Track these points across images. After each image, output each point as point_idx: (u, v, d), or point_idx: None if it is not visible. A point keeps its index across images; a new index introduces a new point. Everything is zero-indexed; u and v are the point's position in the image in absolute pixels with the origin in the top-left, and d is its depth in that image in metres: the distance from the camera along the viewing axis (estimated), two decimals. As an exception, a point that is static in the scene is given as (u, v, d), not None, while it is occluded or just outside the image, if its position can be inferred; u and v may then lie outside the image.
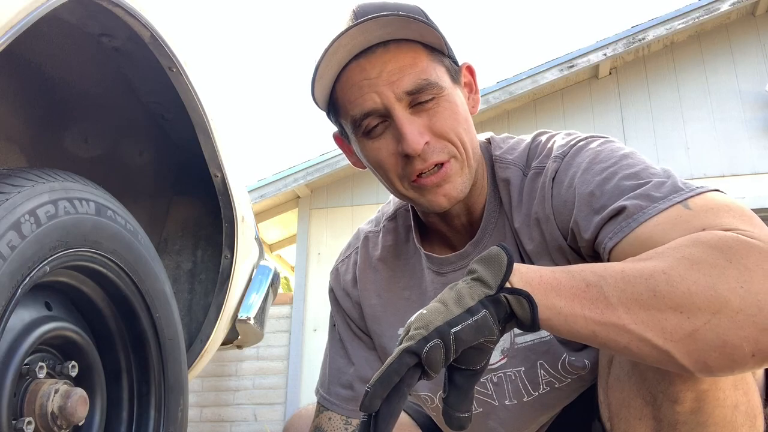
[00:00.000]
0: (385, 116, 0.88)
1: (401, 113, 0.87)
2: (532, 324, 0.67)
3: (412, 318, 0.68)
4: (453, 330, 0.64)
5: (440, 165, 0.89)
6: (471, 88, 0.98)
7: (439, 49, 0.91)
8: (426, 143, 0.87)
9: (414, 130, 0.86)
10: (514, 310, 0.68)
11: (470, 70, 0.98)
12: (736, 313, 0.62)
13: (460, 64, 0.96)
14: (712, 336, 0.63)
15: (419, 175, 0.89)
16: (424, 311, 0.68)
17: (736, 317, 0.62)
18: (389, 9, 0.87)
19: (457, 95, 0.92)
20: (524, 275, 0.69)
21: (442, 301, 0.68)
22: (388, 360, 0.64)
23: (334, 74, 0.89)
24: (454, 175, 0.90)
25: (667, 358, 0.65)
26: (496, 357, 1.01)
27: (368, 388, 0.63)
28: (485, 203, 0.98)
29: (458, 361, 0.67)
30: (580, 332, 0.68)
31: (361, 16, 0.87)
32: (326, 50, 0.85)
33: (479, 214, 0.99)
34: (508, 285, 0.68)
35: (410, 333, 0.66)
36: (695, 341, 0.63)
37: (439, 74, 0.89)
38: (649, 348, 0.65)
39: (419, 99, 0.87)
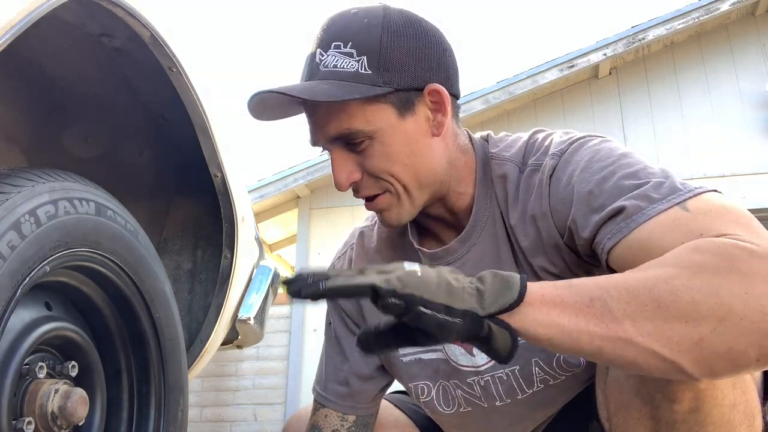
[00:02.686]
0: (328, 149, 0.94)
1: (334, 153, 0.92)
2: (507, 357, 0.68)
3: (407, 266, 0.69)
4: (421, 308, 0.66)
5: (375, 196, 0.94)
6: (439, 109, 0.92)
7: (378, 93, 0.88)
8: (358, 180, 0.92)
9: (342, 170, 0.91)
10: (493, 338, 0.68)
11: (438, 93, 0.91)
12: (741, 320, 0.62)
13: (425, 86, 0.91)
14: (718, 343, 0.63)
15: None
16: (419, 273, 0.68)
17: (741, 323, 0.62)
18: (350, 31, 0.88)
19: (401, 131, 0.90)
20: (526, 297, 0.68)
21: (439, 280, 0.68)
22: (357, 279, 0.67)
23: (280, 112, 0.93)
24: (389, 207, 0.94)
25: (675, 368, 0.65)
26: (483, 359, 1.01)
27: (324, 285, 0.66)
28: (473, 201, 0.98)
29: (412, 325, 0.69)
30: (584, 348, 0.67)
31: (322, 45, 0.89)
32: (253, 103, 0.89)
33: (465, 212, 0.99)
34: (501, 317, 0.68)
35: (390, 277, 0.67)
36: (702, 349, 0.63)
37: (371, 117, 0.88)
38: (657, 360, 0.65)
39: (349, 142, 0.90)
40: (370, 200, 0.95)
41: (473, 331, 0.68)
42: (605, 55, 5.52)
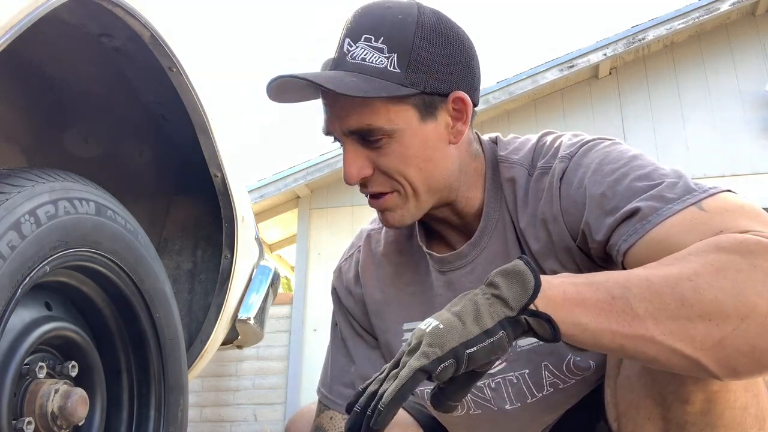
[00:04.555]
0: (341, 141, 0.92)
1: (348, 146, 0.90)
2: (553, 338, 0.68)
3: (426, 327, 0.69)
4: (468, 351, 0.66)
5: (382, 194, 0.92)
6: (460, 117, 0.92)
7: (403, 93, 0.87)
8: (368, 176, 0.90)
9: (354, 164, 0.89)
10: (534, 329, 0.68)
11: (461, 101, 0.91)
12: (765, 318, 0.62)
13: (450, 92, 0.90)
14: (741, 342, 0.63)
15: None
16: (441, 326, 0.68)
17: (765, 322, 0.62)
18: (384, 26, 0.87)
19: (420, 133, 0.89)
20: (546, 293, 0.68)
21: (460, 317, 0.68)
22: (402, 378, 0.66)
23: (299, 95, 0.92)
24: (395, 207, 0.92)
25: (697, 366, 0.65)
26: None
27: (382, 407, 0.66)
28: (483, 204, 0.98)
29: None
30: (607, 346, 0.67)
31: (352, 36, 0.88)
32: (274, 85, 0.87)
33: (475, 216, 0.98)
34: (531, 307, 0.67)
35: (424, 350, 0.66)
36: (725, 348, 0.63)
37: (394, 116, 0.87)
38: (679, 358, 0.65)
39: (367, 138, 0.89)
40: (375, 197, 0.93)
41: (517, 333, 0.68)
42: (605, 55, 5.52)
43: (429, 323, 0.69)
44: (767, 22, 5.69)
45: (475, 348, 0.66)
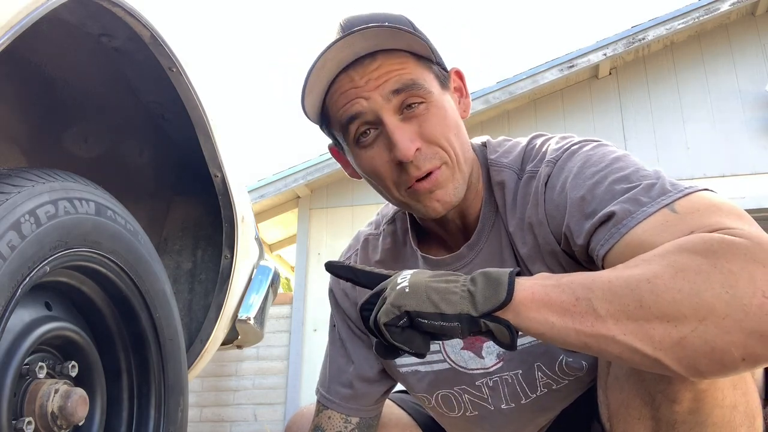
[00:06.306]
0: (376, 123, 0.89)
1: (390, 119, 0.88)
2: (510, 346, 0.72)
3: (399, 281, 0.75)
4: (420, 319, 0.72)
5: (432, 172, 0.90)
6: (461, 92, 0.98)
7: (426, 57, 0.92)
8: (418, 150, 0.87)
9: (405, 136, 0.87)
10: (493, 332, 0.72)
11: (459, 75, 0.98)
12: (722, 319, 0.62)
13: (448, 69, 0.97)
14: (700, 343, 0.63)
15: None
16: (407, 289, 0.73)
17: (723, 323, 0.62)
18: (376, 20, 0.88)
19: (446, 101, 0.92)
20: (516, 295, 0.71)
21: (427, 292, 0.73)
22: (379, 321, 0.74)
23: (324, 86, 0.90)
24: (446, 181, 0.90)
25: (659, 365, 0.66)
26: (492, 360, 1.01)
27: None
28: (481, 206, 0.98)
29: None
30: (572, 344, 0.70)
31: (348, 29, 0.88)
32: (314, 64, 0.86)
33: (474, 217, 0.99)
34: (495, 314, 0.71)
35: (387, 307, 0.73)
36: (684, 348, 0.64)
37: (428, 79, 0.90)
38: (640, 356, 0.66)
39: (408, 103, 0.88)
40: (422, 180, 0.89)
41: (473, 330, 0.72)
42: (605, 55, 5.52)
43: (404, 278, 0.76)
44: (767, 22, 5.69)
45: (426, 321, 0.72)
